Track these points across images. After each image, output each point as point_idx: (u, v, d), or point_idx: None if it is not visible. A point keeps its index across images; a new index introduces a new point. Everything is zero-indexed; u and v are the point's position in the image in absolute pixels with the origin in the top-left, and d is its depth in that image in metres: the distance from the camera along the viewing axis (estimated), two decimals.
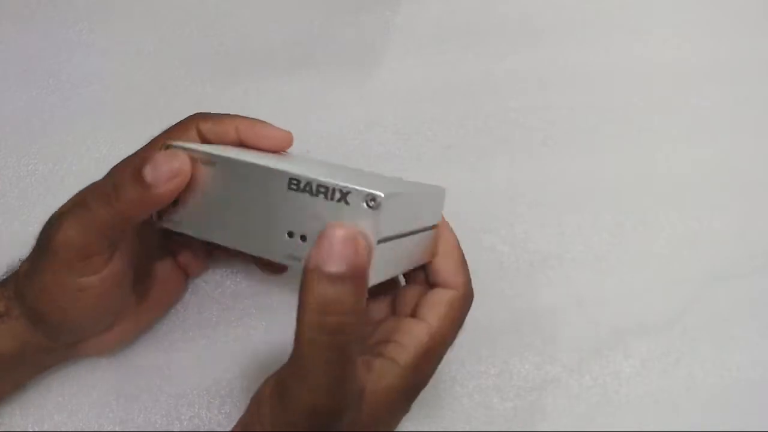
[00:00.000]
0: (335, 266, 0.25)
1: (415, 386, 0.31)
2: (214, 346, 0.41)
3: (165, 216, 0.32)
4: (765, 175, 0.48)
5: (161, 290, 0.39)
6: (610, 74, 0.50)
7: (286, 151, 0.36)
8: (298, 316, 0.26)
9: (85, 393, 0.39)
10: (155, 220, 0.32)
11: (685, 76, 0.50)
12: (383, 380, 0.29)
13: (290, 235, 0.28)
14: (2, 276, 0.36)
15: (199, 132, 0.34)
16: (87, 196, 0.31)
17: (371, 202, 0.26)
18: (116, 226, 0.30)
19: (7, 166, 0.45)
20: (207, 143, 0.34)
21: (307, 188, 0.27)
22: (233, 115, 0.35)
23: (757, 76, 0.51)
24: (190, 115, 0.35)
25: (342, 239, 0.25)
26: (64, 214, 0.31)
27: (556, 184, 0.46)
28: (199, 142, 0.35)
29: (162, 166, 0.29)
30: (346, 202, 0.27)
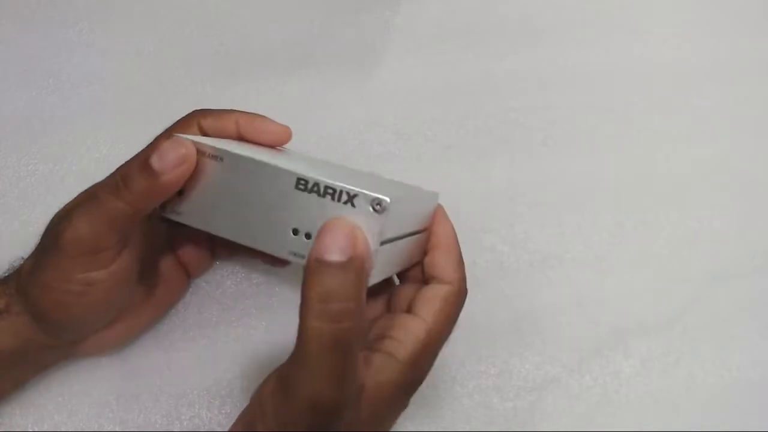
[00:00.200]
0: (337, 255, 0.26)
1: (413, 381, 0.31)
2: (214, 346, 0.41)
3: (169, 207, 0.32)
4: (765, 175, 0.48)
5: (163, 289, 0.39)
6: (610, 74, 0.50)
7: (285, 146, 0.36)
8: (301, 308, 0.26)
9: (85, 393, 0.39)
10: (159, 212, 0.32)
11: (685, 76, 0.50)
12: (382, 375, 0.29)
13: (295, 233, 0.29)
14: (3, 273, 0.36)
15: (200, 128, 0.35)
16: (96, 192, 0.31)
17: (377, 206, 0.27)
18: (126, 218, 0.31)
19: (7, 166, 0.45)
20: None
21: (315, 189, 0.28)
22: (233, 110, 0.36)
23: (757, 76, 0.51)
24: (191, 112, 0.36)
25: (342, 231, 0.26)
26: (74, 210, 0.31)
27: (556, 184, 0.46)
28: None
29: (168, 153, 0.30)
30: (353, 205, 0.28)
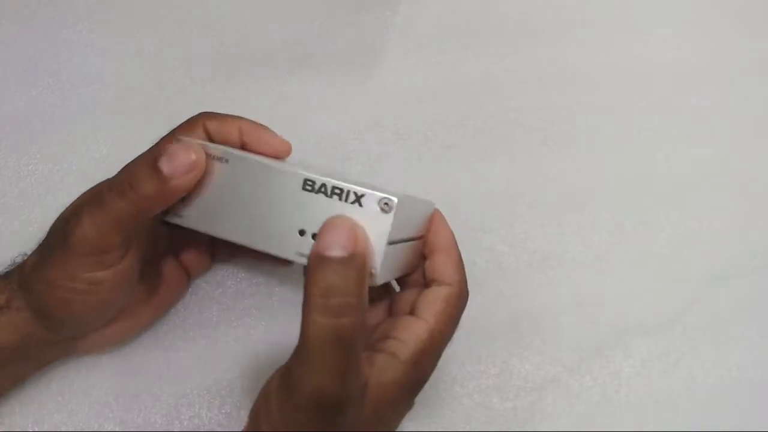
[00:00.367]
0: (338, 251, 0.26)
1: (416, 381, 0.31)
2: (214, 346, 0.41)
3: (172, 211, 0.32)
4: (765, 175, 0.48)
5: (164, 289, 0.39)
6: (610, 74, 0.50)
7: (284, 160, 0.36)
8: (304, 304, 0.27)
9: (85, 393, 0.39)
10: (161, 216, 0.32)
11: (685, 76, 0.50)
12: (385, 375, 0.29)
13: (301, 233, 0.29)
14: (4, 269, 0.36)
15: (206, 130, 0.35)
16: (102, 191, 0.31)
17: (385, 206, 0.28)
18: (133, 220, 0.31)
19: (7, 166, 0.45)
20: (212, 143, 0.35)
21: (322, 189, 0.29)
22: (238, 117, 0.36)
23: (757, 76, 0.51)
24: (197, 114, 0.36)
25: (344, 228, 0.27)
26: (81, 210, 0.31)
27: (556, 184, 0.46)
28: (206, 140, 0.35)
29: (178, 157, 0.29)
30: (360, 204, 0.28)
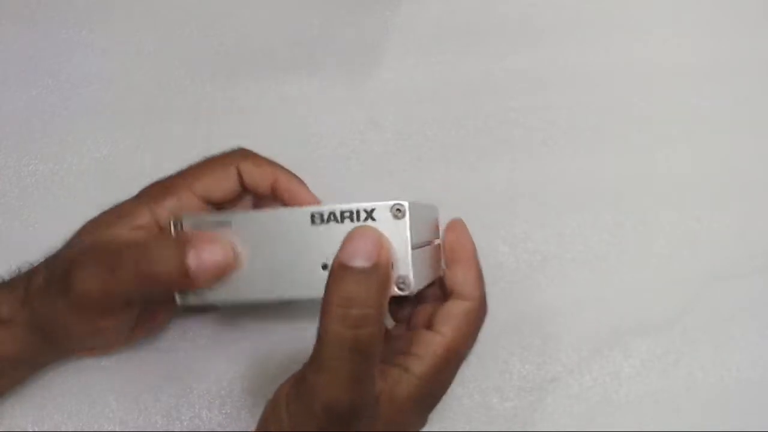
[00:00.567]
0: (361, 261, 0.26)
1: (431, 396, 0.31)
2: (214, 347, 0.41)
3: (186, 297, 0.32)
4: (765, 175, 0.48)
5: (161, 312, 0.39)
6: (610, 74, 0.50)
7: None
8: (322, 312, 0.27)
9: (85, 393, 0.39)
10: (179, 302, 0.32)
11: (685, 76, 0.50)
12: (398, 389, 0.29)
13: (324, 267, 0.29)
14: (9, 274, 0.36)
15: (239, 171, 0.34)
16: (118, 251, 0.30)
17: (398, 212, 0.28)
18: (142, 295, 0.30)
19: (7, 166, 0.45)
20: (242, 185, 0.35)
21: (332, 217, 0.29)
22: (274, 164, 0.35)
23: (757, 76, 0.51)
24: (234, 149, 0.35)
25: (369, 237, 0.27)
26: (89, 260, 0.30)
27: (556, 184, 0.46)
28: (237, 182, 0.34)
29: (209, 256, 0.29)
30: (373, 219, 0.28)
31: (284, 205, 0.35)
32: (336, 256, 0.27)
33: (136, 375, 0.40)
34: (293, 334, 0.30)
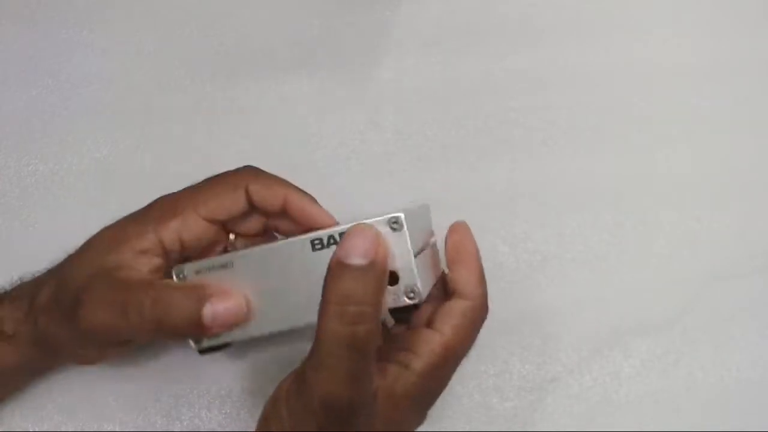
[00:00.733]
0: (358, 259, 0.26)
1: (429, 394, 0.31)
2: None
3: (202, 342, 0.32)
4: (765, 175, 0.48)
5: None
6: (610, 74, 0.50)
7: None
8: (320, 310, 0.27)
9: (85, 393, 0.39)
10: (196, 348, 0.32)
11: (685, 76, 0.50)
12: (397, 386, 0.29)
13: None
14: (12, 284, 0.36)
15: (248, 193, 0.34)
16: (131, 296, 0.30)
17: (395, 225, 0.28)
18: (150, 337, 0.31)
19: (8, 166, 0.45)
20: (252, 205, 0.34)
21: (332, 241, 0.29)
22: (285, 183, 0.35)
23: (757, 76, 0.51)
24: (243, 168, 0.35)
25: (367, 235, 0.27)
26: (97, 291, 0.30)
27: (556, 184, 0.46)
28: (245, 202, 0.34)
29: (223, 312, 0.29)
30: None
31: (295, 223, 0.34)
32: (333, 254, 0.27)
33: (136, 375, 0.40)
34: (293, 334, 0.30)
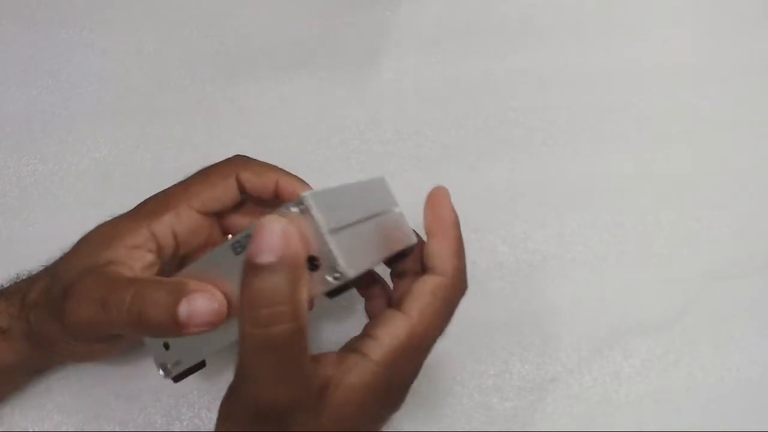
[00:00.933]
0: (266, 257, 0.24)
1: (391, 384, 0.28)
2: None
3: (170, 369, 0.31)
4: (765, 175, 0.48)
5: None
6: (610, 74, 0.50)
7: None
8: (239, 315, 0.25)
9: (85, 393, 0.39)
10: (166, 377, 0.32)
11: (685, 76, 0.50)
12: (352, 376, 0.27)
13: None
14: (9, 280, 0.36)
15: (239, 181, 0.34)
16: (112, 290, 0.29)
17: (300, 206, 0.26)
18: (131, 333, 0.30)
19: (7, 166, 0.45)
20: (244, 193, 0.34)
21: (248, 240, 0.27)
22: (275, 168, 0.34)
23: (757, 76, 0.51)
24: (232, 158, 0.34)
25: (271, 231, 0.25)
26: (83, 292, 0.30)
27: (556, 184, 0.46)
28: (237, 192, 0.34)
29: (200, 307, 0.27)
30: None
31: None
32: (246, 252, 0.25)
33: (136, 375, 0.40)
34: None
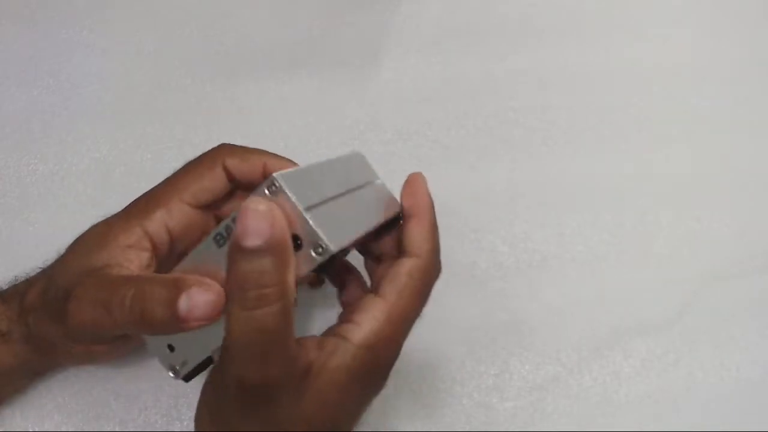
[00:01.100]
0: (251, 240, 0.25)
1: (373, 366, 0.29)
2: None
3: (179, 369, 0.31)
4: (765, 175, 0.48)
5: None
6: (610, 74, 0.50)
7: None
8: (226, 297, 0.26)
9: (85, 393, 0.39)
10: (177, 378, 0.32)
11: (685, 76, 0.50)
12: (333, 360, 0.28)
13: None
14: (8, 282, 0.36)
15: (226, 169, 0.34)
16: (113, 291, 0.29)
17: (272, 187, 0.26)
18: (133, 331, 0.30)
19: (8, 166, 0.45)
20: (233, 181, 0.34)
21: (230, 231, 0.27)
22: (261, 151, 0.34)
23: (757, 76, 0.51)
24: (216, 147, 0.34)
25: (256, 213, 0.25)
26: (85, 295, 0.30)
27: (556, 184, 0.46)
28: (225, 181, 0.34)
29: (199, 301, 0.27)
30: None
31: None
32: (231, 236, 0.25)
33: (136, 375, 0.40)
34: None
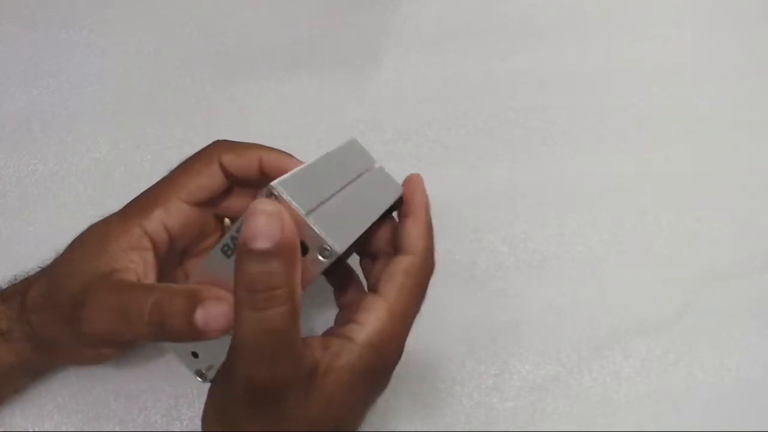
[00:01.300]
0: (261, 243, 0.25)
1: (378, 365, 0.29)
2: None
3: (206, 373, 0.32)
4: (765, 175, 0.48)
5: None
6: (610, 74, 0.50)
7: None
8: (235, 298, 0.26)
9: (84, 393, 0.39)
10: (204, 382, 0.32)
11: (685, 76, 0.50)
12: (339, 360, 0.28)
13: None
14: (7, 281, 0.36)
15: (222, 165, 0.34)
16: (129, 299, 0.29)
17: (271, 195, 0.26)
18: (153, 340, 0.30)
19: (8, 166, 0.45)
20: (230, 177, 0.34)
21: (236, 242, 0.27)
22: (256, 146, 0.34)
23: (757, 76, 0.51)
24: (211, 144, 0.34)
25: (266, 216, 0.25)
26: (100, 302, 0.30)
27: (556, 184, 0.46)
28: (222, 178, 0.34)
29: (215, 315, 0.27)
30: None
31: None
32: (239, 237, 0.25)
33: (136, 375, 0.40)
34: None
